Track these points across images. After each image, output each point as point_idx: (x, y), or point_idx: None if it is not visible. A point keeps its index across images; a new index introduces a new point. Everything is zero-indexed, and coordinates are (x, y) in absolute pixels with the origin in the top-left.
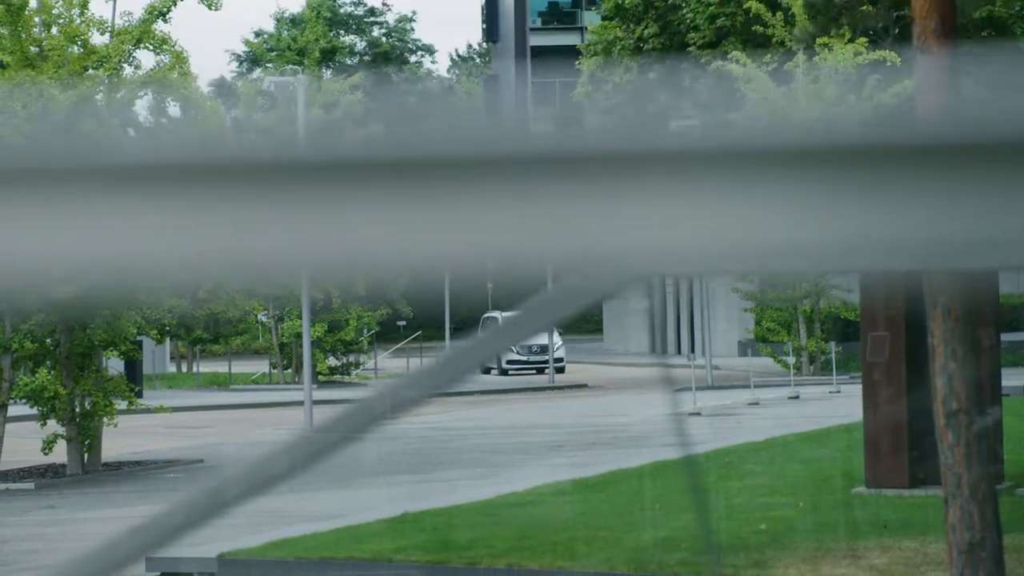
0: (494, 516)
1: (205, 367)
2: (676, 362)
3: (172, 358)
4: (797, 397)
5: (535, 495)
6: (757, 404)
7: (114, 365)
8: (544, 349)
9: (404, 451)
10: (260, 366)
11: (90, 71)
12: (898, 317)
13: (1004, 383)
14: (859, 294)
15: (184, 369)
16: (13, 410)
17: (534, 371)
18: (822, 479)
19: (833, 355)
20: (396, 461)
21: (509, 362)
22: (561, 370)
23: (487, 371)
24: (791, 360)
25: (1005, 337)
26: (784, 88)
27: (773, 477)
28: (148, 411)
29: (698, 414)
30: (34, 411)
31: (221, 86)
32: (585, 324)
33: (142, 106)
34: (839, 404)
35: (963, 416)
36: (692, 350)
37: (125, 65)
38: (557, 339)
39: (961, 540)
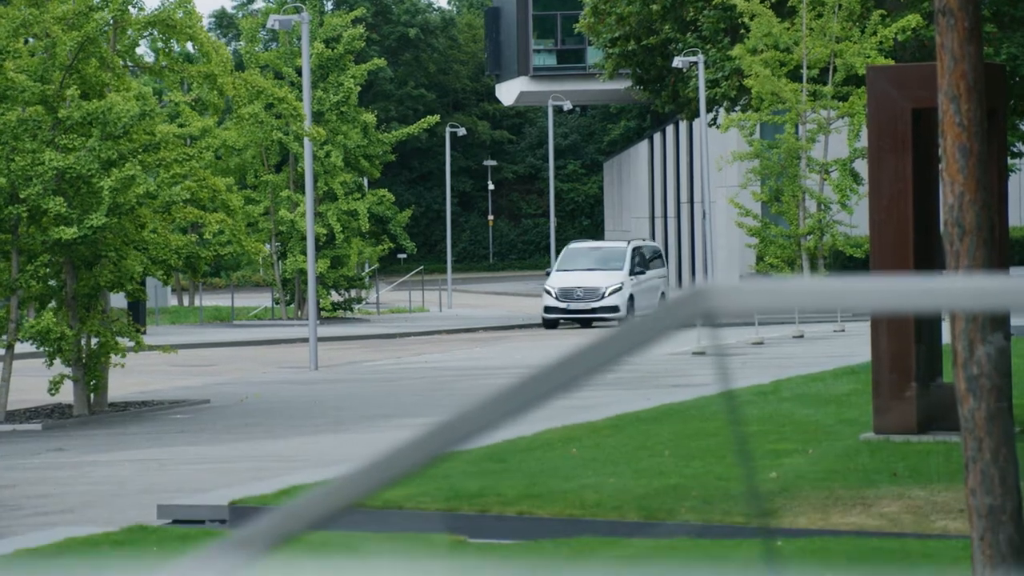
0: (503, 462)
1: (207, 300)
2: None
3: (173, 290)
4: (802, 336)
5: (544, 440)
6: (762, 343)
7: (115, 299)
8: (593, 294)
9: (407, 393)
10: (261, 299)
11: (95, 11)
12: (908, 251)
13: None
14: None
15: (186, 303)
16: (18, 348)
17: (578, 324)
18: (830, 424)
19: None
20: (400, 403)
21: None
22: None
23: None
24: None
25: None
26: (787, 23)
27: (781, 423)
28: (153, 348)
29: (702, 354)
30: (40, 350)
31: (222, 18)
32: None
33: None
34: (845, 343)
35: (984, 380)
36: (694, 283)
37: (130, 7)
38: (616, 277)
39: (981, 504)
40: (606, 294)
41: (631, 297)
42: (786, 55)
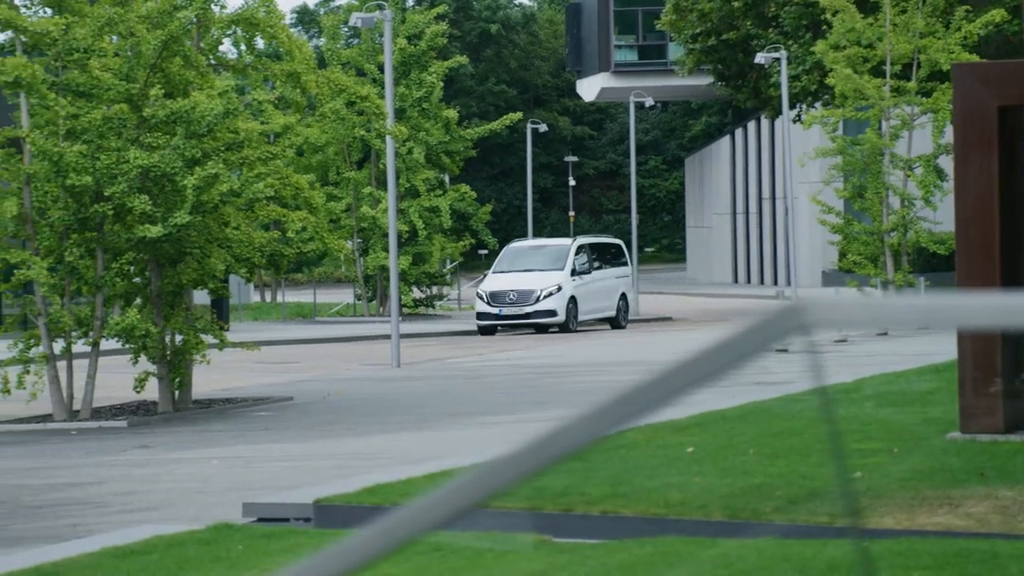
0: (587, 461)
1: (288, 296)
2: (760, 293)
3: (255, 286)
4: (886, 333)
5: (627, 439)
6: (845, 341)
7: (198, 296)
8: (527, 297)
9: (490, 390)
10: (342, 295)
11: (179, 10)
12: (994, 250)
13: None
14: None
15: (268, 298)
16: (103, 345)
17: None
18: (915, 423)
19: (922, 289)
20: (483, 401)
21: (482, 316)
22: (558, 324)
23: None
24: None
25: None
26: (871, 18)
27: (865, 421)
28: (236, 346)
29: (785, 351)
30: (125, 348)
31: (304, 13)
32: (667, 253)
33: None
34: (929, 341)
35: None
36: (775, 281)
37: (213, 5)
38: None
39: None
40: (541, 297)
41: (572, 299)
42: (869, 51)
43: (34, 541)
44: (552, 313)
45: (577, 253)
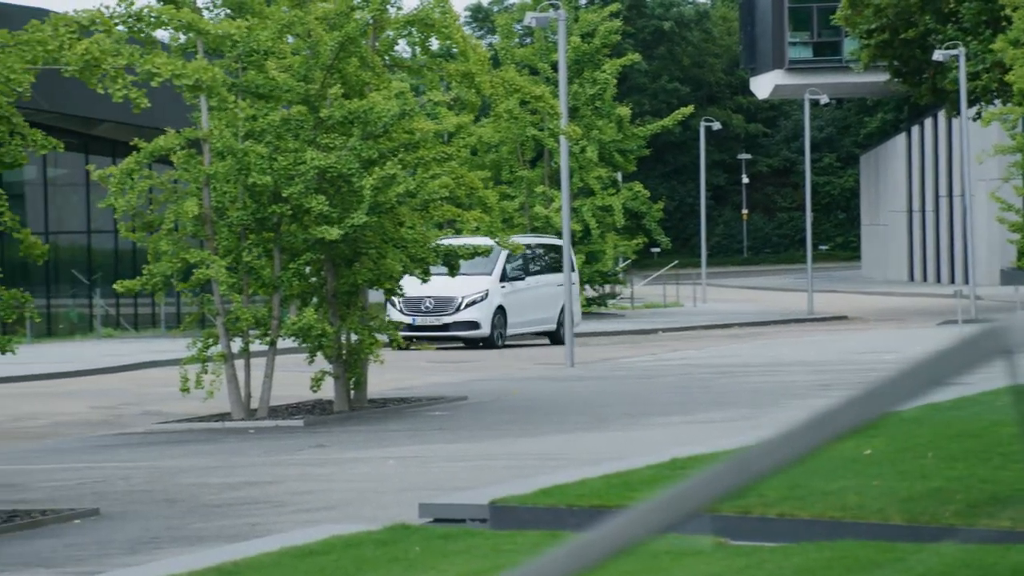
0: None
1: None
2: (937, 292)
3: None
4: None
5: None
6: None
7: (373, 295)
8: (446, 305)
9: (665, 390)
10: None
11: (355, 11)
12: None
13: None
14: None
15: None
16: (280, 344)
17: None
18: None
19: None
20: (658, 401)
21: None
22: (481, 339)
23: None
24: None
25: None
26: None
27: None
28: (411, 345)
29: None
30: (301, 347)
31: (477, 11)
32: (841, 251)
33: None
34: None
35: None
36: (952, 279)
37: (389, 6)
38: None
39: None
40: (462, 306)
41: (500, 309)
42: None
43: (214, 540)
44: (474, 325)
45: (508, 256)
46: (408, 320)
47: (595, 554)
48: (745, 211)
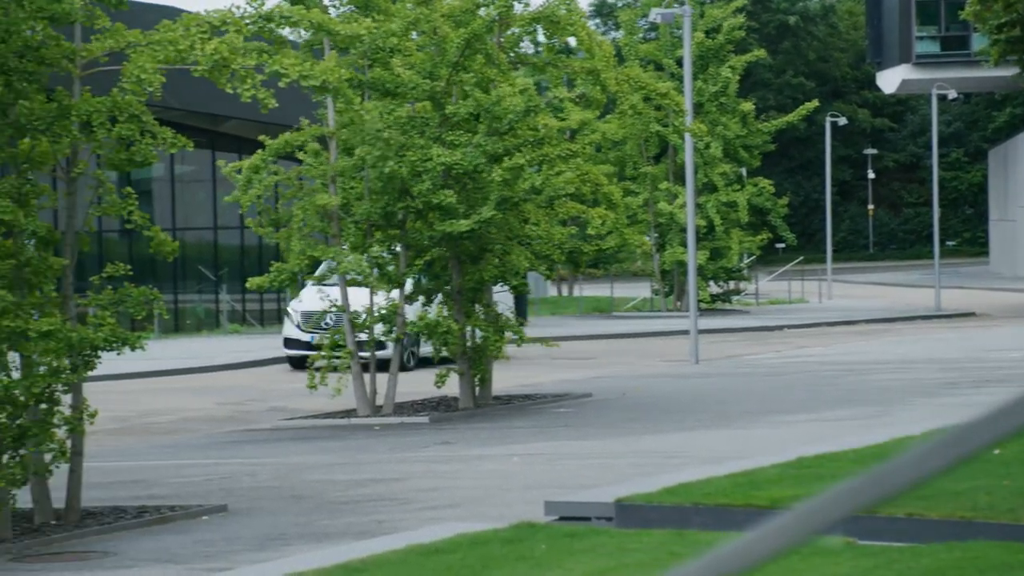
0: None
1: (585, 290)
2: None
3: (552, 281)
4: None
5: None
6: None
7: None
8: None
9: (790, 387)
10: (638, 289)
11: (480, 9)
12: None
13: None
14: None
15: (564, 292)
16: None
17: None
18: None
19: None
20: (783, 399)
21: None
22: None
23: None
24: None
25: None
26: None
27: None
28: (535, 342)
29: None
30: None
31: (601, 6)
32: (969, 247)
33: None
34: None
35: None
36: None
37: (515, 2)
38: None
39: None
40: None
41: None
42: None
43: (340, 536)
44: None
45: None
46: (306, 338)
47: (745, 560)
48: (871, 207)
